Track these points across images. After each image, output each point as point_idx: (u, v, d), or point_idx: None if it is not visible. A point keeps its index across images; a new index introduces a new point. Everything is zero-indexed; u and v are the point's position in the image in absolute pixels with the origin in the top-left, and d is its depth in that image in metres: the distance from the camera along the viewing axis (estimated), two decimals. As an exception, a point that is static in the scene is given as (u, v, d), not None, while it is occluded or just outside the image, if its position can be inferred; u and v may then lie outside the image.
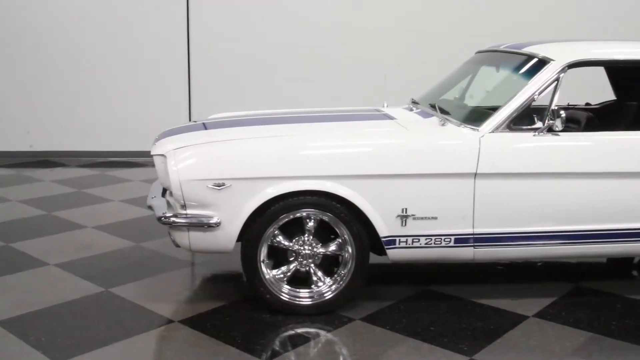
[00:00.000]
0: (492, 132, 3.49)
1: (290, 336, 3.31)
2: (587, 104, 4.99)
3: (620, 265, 4.48)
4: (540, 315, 3.57)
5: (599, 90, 4.98)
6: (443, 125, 3.65)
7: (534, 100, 3.54)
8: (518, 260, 4.27)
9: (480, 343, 3.24)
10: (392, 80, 7.40)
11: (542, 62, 3.64)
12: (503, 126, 3.50)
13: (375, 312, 3.58)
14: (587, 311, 3.63)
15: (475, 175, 3.43)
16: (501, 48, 4.17)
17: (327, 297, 3.52)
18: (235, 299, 3.71)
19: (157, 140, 3.81)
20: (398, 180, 3.42)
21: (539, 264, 4.35)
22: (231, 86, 7.41)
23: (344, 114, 4.16)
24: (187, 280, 4.02)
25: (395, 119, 3.91)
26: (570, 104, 4.90)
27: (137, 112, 7.38)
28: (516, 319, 3.51)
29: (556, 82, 3.57)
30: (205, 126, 3.91)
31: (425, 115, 3.93)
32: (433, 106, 3.95)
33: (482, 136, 3.47)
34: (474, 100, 4.18)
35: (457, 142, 3.48)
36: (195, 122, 4.23)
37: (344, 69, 7.46)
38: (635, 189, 3.55)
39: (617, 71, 4.82)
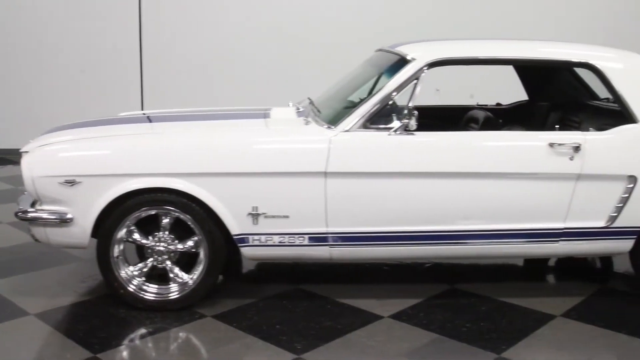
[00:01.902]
0: (347, 131, 3.48)
1: (133, 331, 3.35)
2: (498, 104, 4.94)
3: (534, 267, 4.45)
4: (397, 315, 3.54)
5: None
6: (306, 124, 3.66)
7: (391, 99, 3.52)
8: (377, 261, 4.23)
9: (318, 342, 3.23)
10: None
11: (405, 62, 3.62)
12: (358, 125, 3.49)
13: (232, 309, 3.60)
14: (447, 313, 3.59)
15: (326, 174, 3.42)
16: (385, 47, 4.15)
17: (180, 294, 3.54)
18: (101, 294, 3.76)
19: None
20: (248, 178, 3.43)
21: (427, 264, 4.32)
22: (183, 86, 7.50)
23: (224, 113, 4.20)
24: (67, 276, 4.08)
25: (268, 118, 3.93)
26: (479, 103, 4.86)
27: (94, 112, 7.48)
28: (369, 319, 3.50)
29: (415, 81, 3.54)
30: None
31: (301, 114, 3.94)
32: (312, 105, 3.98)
33: (335, 135, 3.46)
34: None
35: (307, 141, 3.48)
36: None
37: (296, 69, 7.50)
38: (490, 190, 3.51)
39: (528, 72, 4.77)
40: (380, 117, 3.51)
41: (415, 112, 3.44)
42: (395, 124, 3.47)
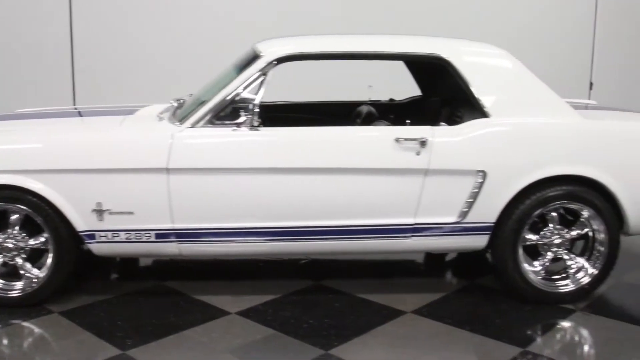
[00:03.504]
0: (192, 127, 3.48)
1: (-27, 327, 3.39)
2: (391, 99, 4.91)
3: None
4: (244, 312, 3.54)
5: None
6: (159, 121, 3.66)
7: (238, 95, 3.51)
8: (226, 257, 4.23)
9: (150, 338, 3.22)
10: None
11: (256, 58, 3.61)
12: (204, 121, 3.48)
13: (83, 305, 3.60)
14: (297, 309, 3.58)
15: (168, 170, 3.42)
16: (254, 43, 4.13)
17: (25, 291, 3.54)
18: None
19: None
20: (90, 175, 3.43)
21: (304, 260, 4.31)
22: (116, 82, 7.50)
23: (90, 111, 4.22)
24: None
25: (130, 115, 3.93)
26: (371, 99, 4.84)
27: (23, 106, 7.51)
28: (215, 315, 3.49)
29: (263, 77, 3.53)
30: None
31: (165, 111, 3.93)
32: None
33: (180, 131, 3.46)
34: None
35: (150, 138, 3.48)
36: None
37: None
38: (336, 185, 3.48)
39: (418, 67, 4.73)
40: (227, 114, 3.51)
41: (257, 109, 3.44)
42: (241, 120, 3.47)
